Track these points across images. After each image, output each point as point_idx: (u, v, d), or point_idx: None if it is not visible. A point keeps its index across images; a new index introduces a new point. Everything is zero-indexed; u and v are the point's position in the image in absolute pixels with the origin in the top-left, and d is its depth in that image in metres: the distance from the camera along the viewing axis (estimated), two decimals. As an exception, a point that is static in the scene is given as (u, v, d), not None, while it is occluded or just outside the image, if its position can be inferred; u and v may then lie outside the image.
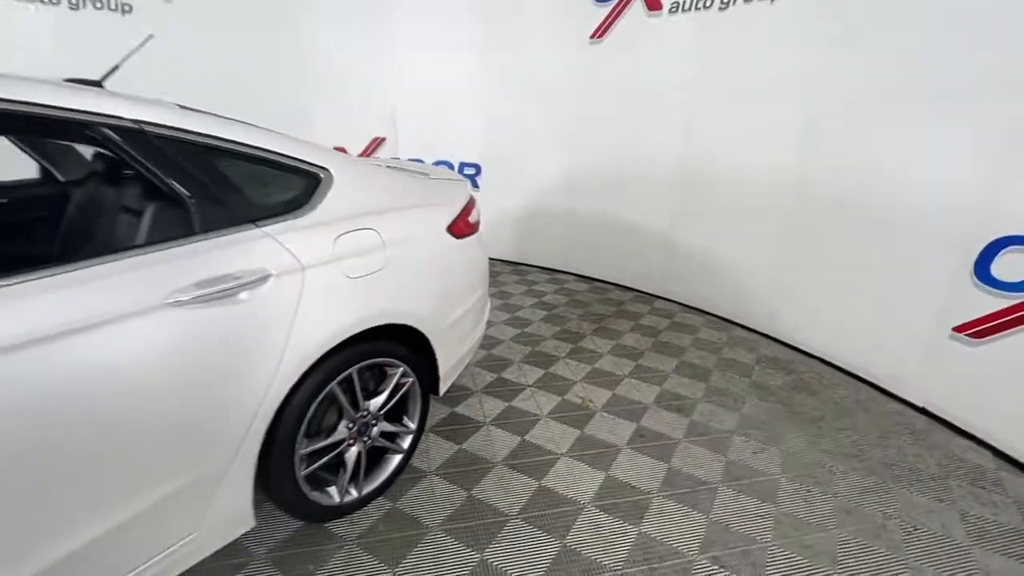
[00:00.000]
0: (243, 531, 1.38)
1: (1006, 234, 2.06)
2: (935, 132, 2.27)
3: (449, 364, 1.95)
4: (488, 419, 2.24)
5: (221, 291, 1.18)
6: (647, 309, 3.65)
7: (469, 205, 2.07)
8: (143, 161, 1.17)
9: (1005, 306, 2.08)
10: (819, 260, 2.86)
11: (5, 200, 1.85)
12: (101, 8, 3.92)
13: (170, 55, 3.12)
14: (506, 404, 2.37)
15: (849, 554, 1.61)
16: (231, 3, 4.09)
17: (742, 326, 3.37)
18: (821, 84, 2.72)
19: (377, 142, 4.62)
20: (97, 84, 1.47)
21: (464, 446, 2.06)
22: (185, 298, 1.12)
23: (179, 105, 1.32)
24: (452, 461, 1.96)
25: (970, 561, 1.61)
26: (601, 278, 4.22)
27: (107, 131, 1.12)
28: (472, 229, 2.05)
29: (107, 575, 1.10)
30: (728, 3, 3.05)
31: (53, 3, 3.79)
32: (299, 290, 1.34)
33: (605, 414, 2.32)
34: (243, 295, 1.23)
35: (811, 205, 2.85)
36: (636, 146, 3.74)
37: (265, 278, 1.27)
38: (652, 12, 3.45)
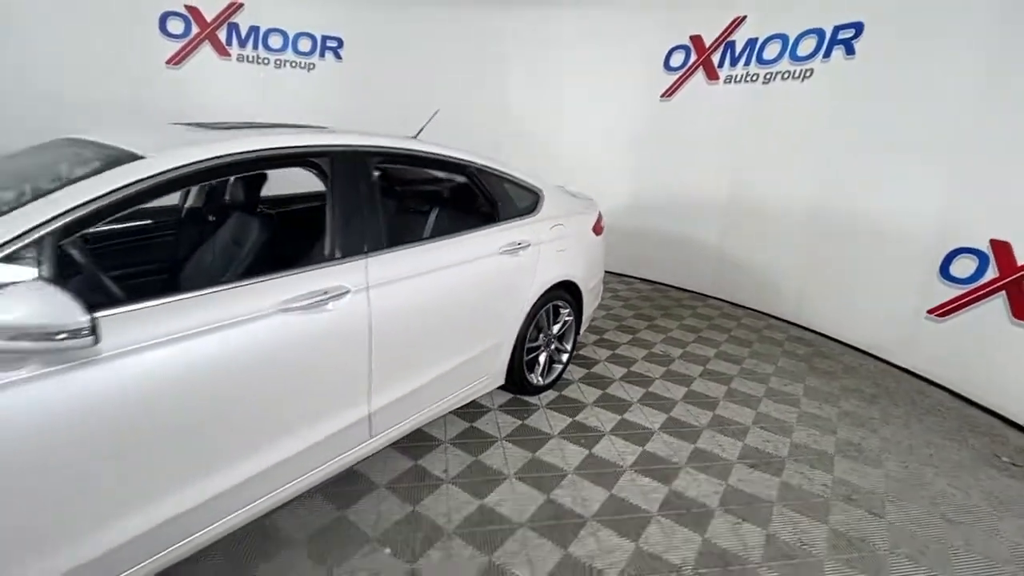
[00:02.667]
0: (496, 386, 2.52)
1: (958, 247, 3.10)
2: (912, 175, 3.33)
3: (587, 314, 3.08)
4: (601, 359, 3.35)
5: (513, 249, 2.36)
6: (701, 304, 4.72)
7: (600, 216, 3.22)
8: (477, 182, 2.38)
9: (959, 293, 3.10)
10: (832, 265, 3.90)
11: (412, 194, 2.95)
12: (296, 67, 5.33)
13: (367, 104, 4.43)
14: (610, 352, 3.48)
15: (847, 429, 2.64)
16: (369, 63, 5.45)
17: (775, 317, 4.40)
18: (833, 139, 3.81)
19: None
20: (414, 138, 2.68)
21: (565, 392, 3.17)
22: (500, 252, 2.30)
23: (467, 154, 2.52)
24: (558, 402, 3.08)
25: (912, 431, 2.61)
26: (662, 281, 5.31)
27: (456, 164, 2.32)
28: (601, 231, 3.20)
29: (458, 385, 2.25)
30: (770, 80, 4.20)
31: (264, 62, 5.21)
32: (538, 254, 2.51)
33: (680, 361, 3.40)
34: (520, 253, 2.40)
35: (826, 225, 3.91)
36: (693, 179, 4.87)
37: (527, 245, 2.44)
38: (711, 81, 4.63)
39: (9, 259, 1.09)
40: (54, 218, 1.16)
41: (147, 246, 2.37)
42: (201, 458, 1.38)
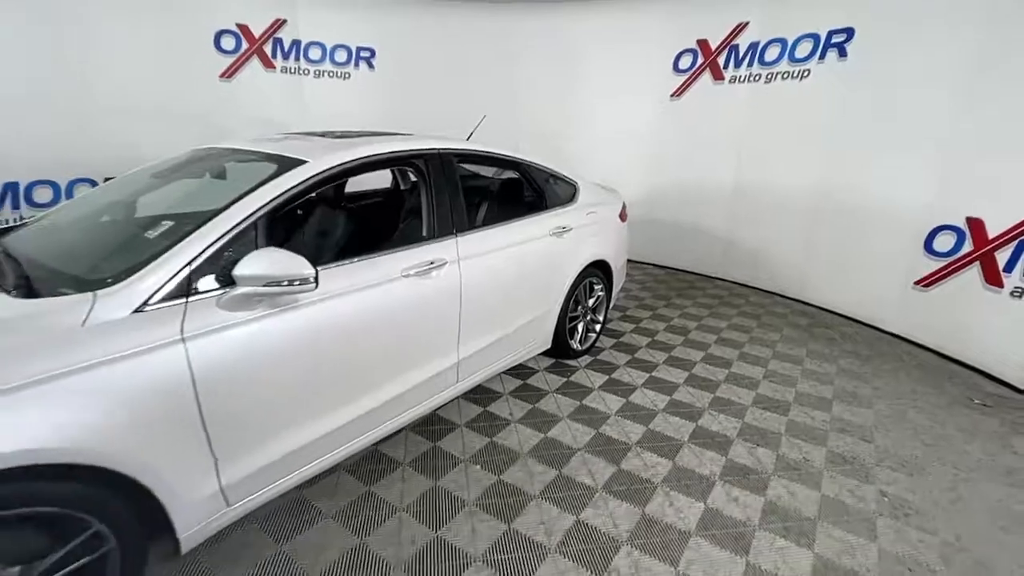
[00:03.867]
0: (545, 348, 2.99)
1: (939, 224, 3.54)
2: (899, 162, 3.77)
3: (616, 290, 3.54)
4: (627, 331, 3.81)
5: (559, 232, 2.82)
6: (711, 285, 5.17)
7: (624, 205, 3.67)
8: (528, 176, 2.84)
9: (941, 265, 3.54)
10: (830, 246, 4.34)
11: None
12: (333, 77, 5.78)
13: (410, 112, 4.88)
14: (635, 325, 3.93)
15: (843, 380, 3.09)
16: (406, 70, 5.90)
17: (780, 295, 4.85)
18: (829, 132, 4.24)
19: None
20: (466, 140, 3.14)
21: (599, 357, 3.63)
22: (550, 234, 2.76)
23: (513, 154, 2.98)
24: (597, 363, 3.54)
25: (900, 382, 3.06)
26: (675, 266, 5.76)
27: (512, 163, 2.79)
28: (625, 218, 3.65)
29: (517, 345, 2.72)
30: (772, 79, 4.64)
31: (305, 73, 5.67)
32: (578, 236, 2.97)
33: (696, 331, 3.85)
34: (565, 235, 2.86)
35: (826, 210, 4.35)
36: (701, 171, 5.31)
37: (570, 229, 2.90)
38: (716, 80, 5.06)
39: (243, 234, 1.55)
40: (264, 205, 1.62)
41: (311, 224, 2.69)
42: (366, 378, 1.89)
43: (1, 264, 1.60)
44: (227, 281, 1.47)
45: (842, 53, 4.14)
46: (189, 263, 1.44)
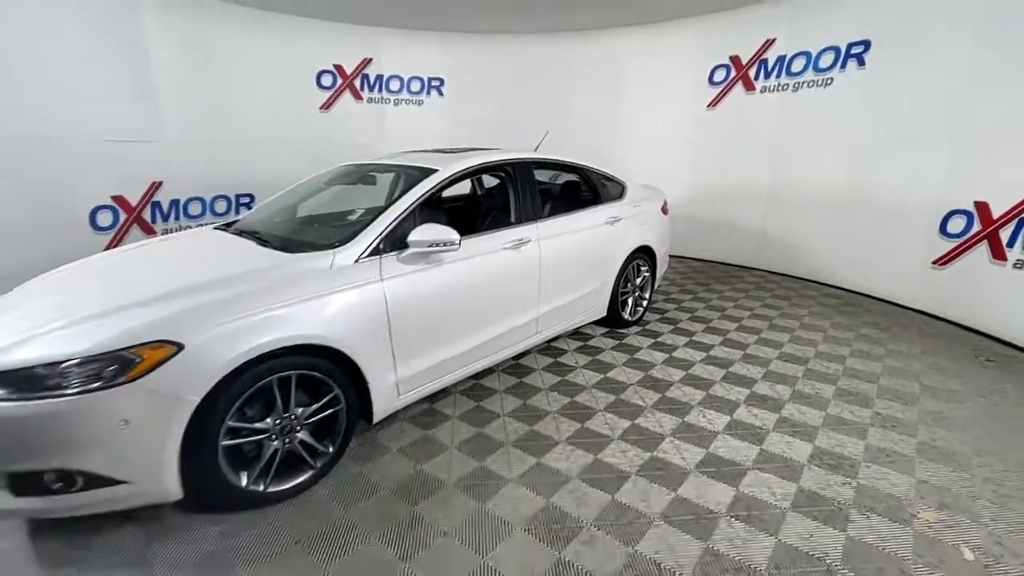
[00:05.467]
0: (601, 316, 3.69)
1: (952, 209, 4.00)
2: (914, 156, 4.25)
3: (659, 274, 4.21)
4: (670, 309, 4.44)
5: (613, 221, 3.54)
6: (747, 274, 5.70)
7: (665, 201, 4.34)
8: (586, 177, 3.59)
9: (954, 245, 3.99)
10: (855, 233, 4.82)
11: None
12: (409, 104, 6.77)
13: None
14: (676, 305, 4.57)
15: (860, 344, 3.61)
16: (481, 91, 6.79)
17: (810, 280, 5.32)
18: (852, 132, 4.75)
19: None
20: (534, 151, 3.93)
21: (646, 328, 4.27)
22: (605, 223, 3.49)
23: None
24: (648, 332, 4.19)
25: (912, 345, 3.54)
26: (712, 259, 6.32)
27: (573, 167, 3.55)
28: (667, 212, 4.32)
29: (580, 310, 3.45)
30: (799, 88, 5.19)
31: (386, 102, 6.67)
32: (627, 225, 3.67)
33: (732, 308, 4.44)
34: (616, 224, 3.58)
35: (851, 203, 4.84)
36: (737, 172, 5.88)
37: (620, 219, 3.62)
38: (748, 91, 5.65)
39: (407, 216, 2.38)
40: (418, 199, 2.45)
41: (440, 211, 3.64)
42: (483, 318, 2.69)
43: (257, 236, 2.51)
44: (402, 245, 2.30)
45: (861, 62, 4.67)
46: (380, 234, 2.27)
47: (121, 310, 1.76)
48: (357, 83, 6.46)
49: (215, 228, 2.91)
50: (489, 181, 3.99)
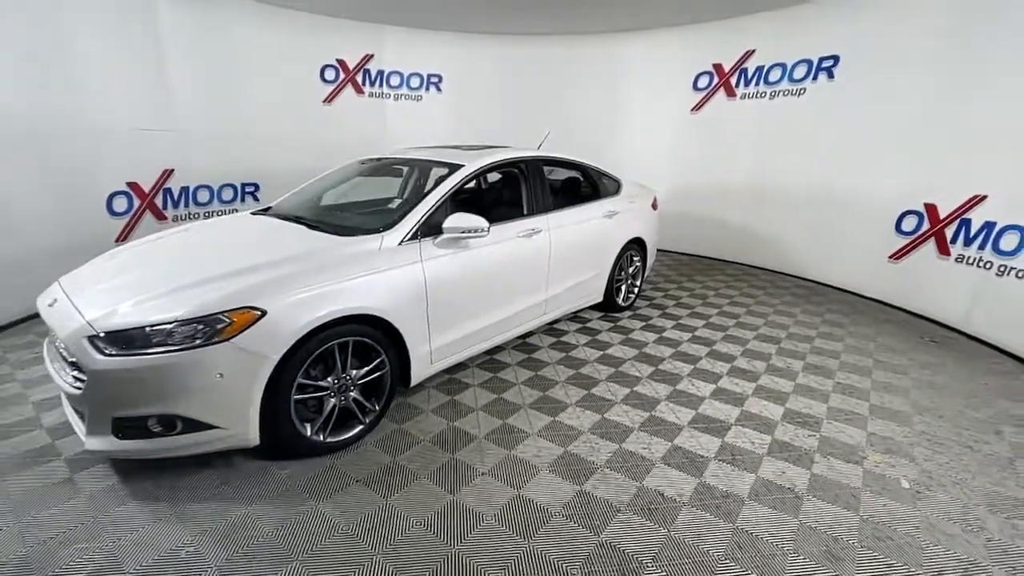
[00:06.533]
0: (598, 300, 4.07)
1: (905, 209, 4.51)
2: (877, 161, 4.75)
3: (649, 264, 4.62)
4: (658, 297, 4.86)
5: (610, 214, 3.92)
6: (728, 267, 6.18)
7: (655, 198, 4.75)
8: (587, 174, 3.96)
9: (907, 242, 4.51)
10: (824, 231, 5.32)
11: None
12: (408, 99, 7.01)
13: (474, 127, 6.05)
14: (663, 293, 4.99)
15: (825, 327, 4.09)
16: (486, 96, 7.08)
17: (785, 273, 5.83)
18: (822, 138, 5.24)
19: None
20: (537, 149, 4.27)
21: (637, 312, 4.69)
22: (604, 216, 3.86)
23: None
24: (640, 316, 4.60)
25: (869, 328, 4.04)
26: (696, 253, 6.78)
27: (576, 165, 3.91)
28: (656, 207, 4.72)
29: (581, 294, 3.83)
30: (776, 96, 5.66)
31: (386, 97, 6.91)
32: (622, 219, 4.06)
33: (714, 297, 4.89)
34: (614, 217, 3.96)
35: (820, 203, 5.34)
36: (718, 173, 6.34)
37: (617, 212, 4.00)
38: (730, 97, 6.11)
39: (441, 205, 2.69)
40: (449, 190, 2.77)
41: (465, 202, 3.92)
42: (501, 298, 3.03)
43: (302, 221, 2.79)
44: (436, 231, 2.62)
45: (830, 75, 5.15)
46: (419, 220, 2.59)
47: (208, 281, 2.05)
48: (359, 78, 6.67)
49: (252, 213, 3.17)
50: (493, 176, 4.31)
